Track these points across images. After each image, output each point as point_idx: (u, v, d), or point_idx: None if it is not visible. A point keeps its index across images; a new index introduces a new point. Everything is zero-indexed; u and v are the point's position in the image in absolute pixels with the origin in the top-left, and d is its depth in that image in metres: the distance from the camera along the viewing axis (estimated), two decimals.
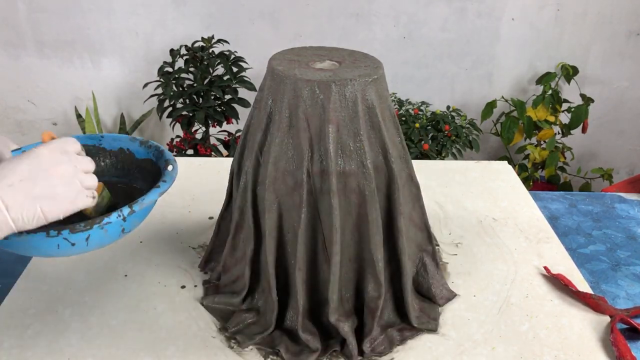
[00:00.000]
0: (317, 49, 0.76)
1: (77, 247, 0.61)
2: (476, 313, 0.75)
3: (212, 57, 1.96)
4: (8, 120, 2.32)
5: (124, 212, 0.60)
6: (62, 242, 0.59)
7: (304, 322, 0.69)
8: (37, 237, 0.57)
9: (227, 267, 0.76)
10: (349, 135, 0.65)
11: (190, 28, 2.13)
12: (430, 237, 0.78)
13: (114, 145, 0.76)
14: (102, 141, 0.76)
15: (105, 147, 0.76)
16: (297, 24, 2.15)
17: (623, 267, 0.88)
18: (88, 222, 0.58)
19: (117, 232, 0.63)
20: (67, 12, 2.10)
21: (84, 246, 0.61)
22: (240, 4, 2.10)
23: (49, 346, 0.67)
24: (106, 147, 0.76)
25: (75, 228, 0.58)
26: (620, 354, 0.67)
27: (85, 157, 0.60)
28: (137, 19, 2.12)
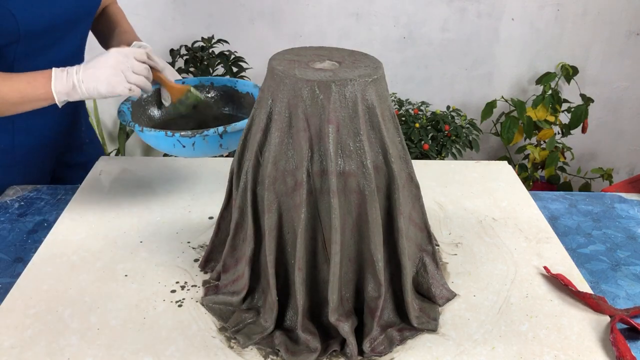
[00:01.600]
0: (317, 49, 0.76)
1: (187, 150, 0.86)
2: (476, 313, 0.75)
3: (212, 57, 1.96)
4: None
5: (219, 130, 0.84)
6: (176, 142, 0.85)
7: (303, 322, 0.69)
8: (160, 134, 0.85)
9: (227, 267, 0.76)
10: (349, 135, 0.65)
11: (190, 28, 2.13)
12: (430, 237, 0.78)
13: (221, 82, 1.04)
14: (212, 80, 1.05)
15: (214, 83, 1.05)
16: (297, 24, 2.15)
17: (623, 267, 0.88)
18: (193, 132, 0.84)
19: (215, 146, 0.87)
20: None
21: (191, 150, 0.86)
22: (240, 4, 2.11)
23: (49, 346, 0.67)
24: (215, 83, 1.05)
25: (183, 134, 0.84)
26: (620, 354, 0.67)
27: (142, 65, 0.88)
28: (137, 19, 2.12)
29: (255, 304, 0.74)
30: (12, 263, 0.84)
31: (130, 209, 0.96)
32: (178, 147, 0.86)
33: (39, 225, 0.94)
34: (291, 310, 0.71)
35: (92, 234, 0.89)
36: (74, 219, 0.93)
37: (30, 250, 0.86)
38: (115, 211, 0.95)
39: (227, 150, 0.89)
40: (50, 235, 0.88)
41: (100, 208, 0.96)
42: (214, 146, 0.87)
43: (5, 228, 0.93)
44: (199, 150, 0.87)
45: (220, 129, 0.84)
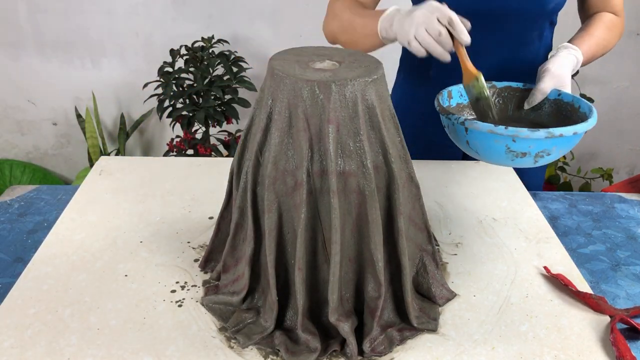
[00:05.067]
0: (317, 49, 0.76)
1: (508, 152, 0.76)
2: (476, 313, 0.75)
3: (212, 57, 1.96)
4: (8, 120, 2.32)
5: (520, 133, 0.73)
6: (506, 140, 0.75)
7: (303, 321, 0.69)
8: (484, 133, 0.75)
9: (227, 267, 0.76)
10: (349, 135, 0.65)
11: (190, 28, 2.13)
12: (430, 237, 0.78)
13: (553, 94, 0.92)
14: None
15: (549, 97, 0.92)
16: (297, 24, 2.15)
17: (623, 267, 0.88)
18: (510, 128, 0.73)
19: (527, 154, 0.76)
20: (67, 12, 2.10)
21: (514, 145, 0.75)
22: (240, 4, 2.11)
23: (49, 346, 0.67)
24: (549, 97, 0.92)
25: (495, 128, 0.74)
26: (620, 354, 0.67)
27: (438, 27, 0.79)
28: (137, 19, 2.12)
29: (255, 304, 0.74)
30: (12, 263, 0.84)
31: (130, 209, 0.96)
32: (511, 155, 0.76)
33: (39, 225, 0.94)
34: (291, 310, 0.71)
35: (92, 234, 0.89)
36: (74, 219, 0.93)
37: (30, 250, 0.86)
38: (115, 211, 0.95)
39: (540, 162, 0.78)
40: (50, 235, 0.88)
41: (100, 208, 0.96)
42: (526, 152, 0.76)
43: (5, 228, 0.93)
44: (521, 146, 0.75)
45: (521, 132, 0.73)
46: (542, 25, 1.04)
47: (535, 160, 0.76)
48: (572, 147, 0.78)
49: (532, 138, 0.73)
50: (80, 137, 2.35)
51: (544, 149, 0.75)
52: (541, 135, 0.72)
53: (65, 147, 2.41)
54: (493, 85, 0.93)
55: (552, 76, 0.88)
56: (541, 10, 1.00)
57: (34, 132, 2.36)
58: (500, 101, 0.94)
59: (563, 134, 0.73)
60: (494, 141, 0.75)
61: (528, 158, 0.76)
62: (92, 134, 2.18)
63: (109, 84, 2.25)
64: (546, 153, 0.75)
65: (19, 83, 2.24)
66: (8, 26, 2.11)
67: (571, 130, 0.73)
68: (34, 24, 2.11)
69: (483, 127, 0.75)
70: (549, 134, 0.72)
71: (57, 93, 2.27)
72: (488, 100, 0.84)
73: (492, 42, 1.00)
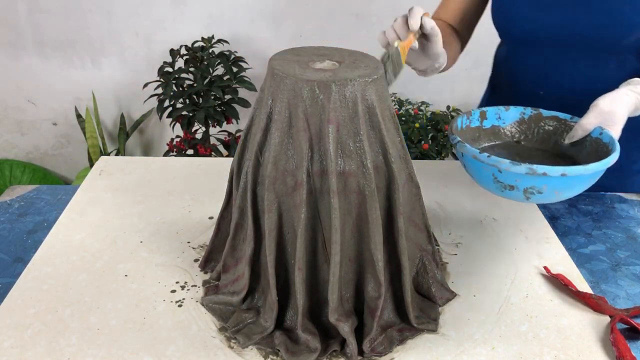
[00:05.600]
0: (317, 49, 0.76)
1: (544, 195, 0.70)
2: (476, 313, 0.75)
3: (212, 57, 1.96)
4: (8, 120, 2.32)
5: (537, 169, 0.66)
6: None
7: (303, 322, 0.69)
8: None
9: (227, 267, 0.76)
10: (349, 135, 0.65)
11: (190, 28, 2.13)
12: (430, 237, 0.78)
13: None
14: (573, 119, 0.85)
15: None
16: (297, 24, 2.15)
17: (623, 267, 0.88)
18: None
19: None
20: (67, 12, 2.10)
21: (500, 176, 0.70)
22: (240, 4, 2.11)
23: (49, 346, 0.67)
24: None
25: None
26: (620, 354, 0.67)
27: (417, 18, 0.78)
28: (137, 19, 2.12)
29: (255, 304, 0.74)
30: (12, 263, 0.84)
31: (130, 209, 0.96)
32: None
33: (39, 225, 0.94)
34: (291, 310, 0.71)
35: (92, 234, 0.89)
36: (74, 219, 0.93)
37: (30, 250, 0.86)
38: (115, 211, 0.95)
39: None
40: (50, 235, 0.88)
41: (100, 208, 0.96)
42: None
43: (5, 228, 0.93)
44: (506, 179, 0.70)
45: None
46: (623, 55, 0.95)
47: (525, 197, 0.70)
48: (577, 189, 0.70)
49: (513, 172, 0.67)
50: (80, 137, 2.35)
51: (532, 185, 0.68)
52: (522, 170, 0.66)
53: (65, 147, 2.41)
54: (539, 113, 0.86)
55: (599, 112, 0.80)
56: (614, 42, 0.92)
57: (34, 132, 2.36)
58: (541, 131, 0.86)
59: (547, 173, 0.66)
60: (482, 168, 0.71)
61: (517, 192, 0.70)
62: (92, 134, 2.18)
63: (109, 84, 2.25)
64: (536, 190, 0.69)
65: (19, 83, 2.24)
66: (8, 26, 2.11)
67: (558, 171, 0.66)
68: (34, 24, 2.12)
69: (469, 151, 0.71)
70: (530, 171, 0.66)
71: (57, 93, 2.27)
72: (389, 64, 0.78)
73: (566, 71, 0.96)
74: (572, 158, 0.83)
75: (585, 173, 0.68)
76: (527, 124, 0.86)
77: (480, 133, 0.86)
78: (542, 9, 0.89)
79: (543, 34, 0.91)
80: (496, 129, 0.87)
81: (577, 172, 0.67)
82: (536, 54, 0.94)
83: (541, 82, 0.95)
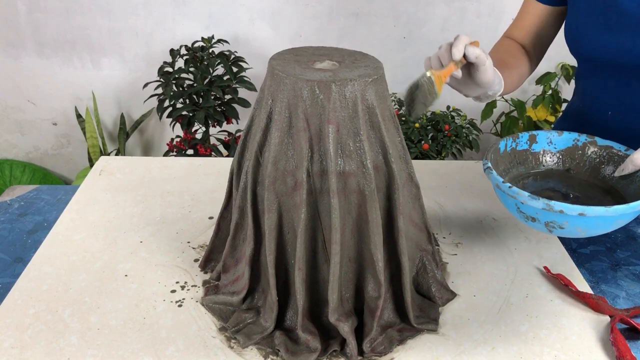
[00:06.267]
0: (317, 49, 0.76)
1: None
2: (476, 313, 0.75)
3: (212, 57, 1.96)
4: (8, 120, 2.32)
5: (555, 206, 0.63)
6: None
7: (303, 321, 0.69)
8: None
9: (227, 267, 0.76)
10: (349, 135, 0.65)
11: (190, 28, 2.13)
12: (430, 237, 0.78)
13: None
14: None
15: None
16: (297, 24, 2.15)
17: (623, 267, 0.88)
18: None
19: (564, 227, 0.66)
20: (67, 12, 2.10)
21: (522, 207, 0.67)
22: (240, 4, 2.11)
23: (49, 346, 0.67)
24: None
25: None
26: (620, 354, 0.67)
27: (459, 46, 0.74)
28: (137, 19, 2.12)
29: (255, 304, 0.74)
30: (12, 263, 0.84)
31: (130, 209, 0.96)
32: None
33: (39, 225, 0.94)
34: (291, 310, 0.71)
35: (92, 234, 0.89)
36: (74, 219, 0.93)
37: (30, 250, 0.86)
38: (115, 211, 0.95)
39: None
40: (50, 235, 0.88)
41: (100, 208, 0.96)
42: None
43: (5, 228, 0.93)
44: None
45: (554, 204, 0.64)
46: None
47: (548, 230, 0.68)
48: (603, 228, 0.67)
49: (530, 205, 0.65)
50: (80, 137, 2.35)
51: (553, 220, 0.66)
52: (539, 205, 0.64)
53: (65, 147, 2.41)
54: (594, 141, 0.81)
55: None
56: None
57: (34, 132, 2.36)
58: (593, 161, 0.82)
59: (564, 211, 0.63)
60: (506, 197, 0.69)
61: (539, 225, 0.68)
62: (92, 134, 2.18)
63: (109, 84, 2.25)
64: (558, 225, 0.66)
65: (19, 83, 2.23)
66: (8, 26, 2.11)
67: (576, 210, 0.63)
68: (34, 24, 2.11)
69: (492, 179, 0.70)
70: (547, 207, 0.64)
71: (57, 93, 2.27)
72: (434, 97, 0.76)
73: (634, 93, 0.93)
74: (620, 193, 0.78)
75: (606, 215, 0.63)
76: (581, 150, 0.82)
77: (528, 157, 0.82)
78: (610, 32, 0.88)
79: (610, 55, 0.90)
80: (547, 154, 0.83)
81: (596, 212, 0.63)
82: (605, 74, 0.94)
83: (609, 103, 0.94)
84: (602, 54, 0.91)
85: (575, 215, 0.63)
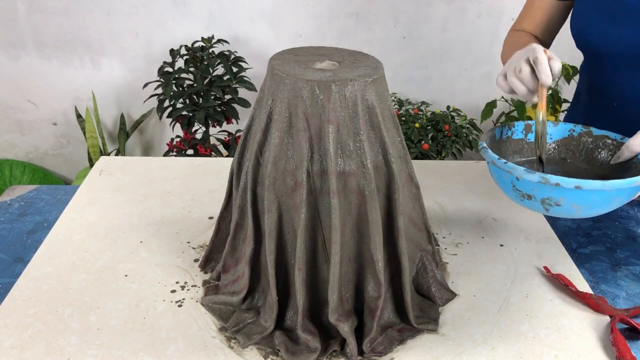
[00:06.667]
0: (317, 49, 0.76)
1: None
2: (476, 313, 0.75)
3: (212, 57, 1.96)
4: (8, 120, 2.32)
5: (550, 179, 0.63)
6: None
7: (303, 321, 0.69)
8: None
9: (227, 267, 0.76)
10: (349, 135, 0.65)
11: (190, 28, 2.13)
12: (430, 237, 0.78)
13: None
14: None
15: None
16: (297, 24, 2.15)
17: (623, 267, 0.88)
18: None
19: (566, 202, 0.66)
20: (67, 12, 2.10)
21: (518, 184, 0.67)
22: (240, 4, 2.11)
23: (49, 346, 0.67)
24: None
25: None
26: (620, 354, 0.67)
27: (527, 68, 0.75)
28: (137, 19, 2.12)
29: (255, 304, 0.74)
30: (12, 263, 0.84)
31: (130, 209, 0.96)
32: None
33: (39, 225, 0.94)
34: (291, 310, 0.71)
35: (92, 234, 0.89)
36: (74, 219, 0.93)
37: (30, 250, 0.86)
38: (115, 211, 0.95)
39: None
40: (50, 235, 0.88)
41: (100, 208, 0.96)
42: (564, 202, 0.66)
43: (5, 228, 0.93)
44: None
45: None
46: None
47: (545, 208, 0.68)
48: (599, 206, 0.66)
49: (526, 179, 0.65)
50: (80, 137, 2.35)
51: (549, 196, 0.65)
52: (534, 179, 0.64)
53: (65, 147, 2.41)
54: (589, 132, 0.82)
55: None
56: None
57: (34, 132, 2.36)
58: (589, 150, 0.82)
59: (560, 184, 0.63)
60: (502, 175, 0.69)
61: (535, 203, 0.68)
62: (92, 134, 2.18)
63: (109, 84, 2.25)
64: (554, 202, 0.66)
65: (19, 83, 2.24)
66: (8, 26, 2.11)
67: (572, 183, 0.62)
68: (34, 24, 2.11)
69: (489, 157, 0.70)
70: (543, 180, 0.63)
71: (57, 93, 2.27)
72: (538, 138, 0.77)
73: (638, 88, 0.94)
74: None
75: (603, 189, 0.63)
76: (576, 141, 0.82)
77: (524, 146, 0.82)
78: (615, 23, 0.90)
79: (615, 47, 0.92)
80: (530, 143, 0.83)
81: (593, 186, 0.62)
82: (610, 66, 0.96)
83: (614, 94, 0.96)
84: (607, 46, 0.93)
85: (572, 188, 0.63)
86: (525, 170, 0.65)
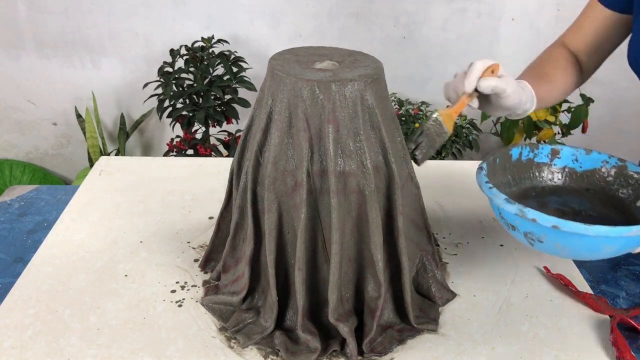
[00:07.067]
0: (317, 49, 0.76)
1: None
2: (476, 313, 0.75)
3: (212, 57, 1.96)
4: (8, 120, 2.32)
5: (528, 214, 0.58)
6: None
7: (303, 321, 0.69)
8: None
9: (227, 267, 0.76)
10: (349, 135, 0.65)
11: (190, 28, 2.13)
12: (430, 237, 0.78)
13: None
14: None
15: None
16: (297, 24, 2.15)
17: (623, 267, 0.88)
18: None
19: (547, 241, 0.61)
20: (67, 12, 2.10)
21: (503, 212, 0.62)
22: (240, 4, 2.11)
23: (49, 346, 0.67)
24: None
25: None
26: (620, 354, 0.67)
27: (471, 78, 0.68)
28: (137, 19, 2.12)
29: (255, 304, 0.74)
30: (12, 263, 0.84)
31: (130, 209, 0.96)
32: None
33: (39, 225, 0.94)
34: (291, 310, 0.71)
35: (92, 234, 0.89)
36: (74, 219, 0.93)
37: (30, 250, 0.86)
38: (115, 211, 0.95)
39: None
40: (50, 235, 0.88)
41: (100, 208, 0.96)
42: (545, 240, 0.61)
43: (5, 228, 0.93)
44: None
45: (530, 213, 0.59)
46: None
47: (529, 242, 0.63)
48: (584, 250, 0.60)
49: (504, 210, 0.60)
50: (80, 137, 2.35)
51: (530, 231, 0.60)
52: (512, 210, 0.59)
53: (65, 147, 2.41)
54: (624, 165, 0.75)
55: None
56: None
57: (34, 132, 2.36)
58: (620, 184, 0.75)
59: (537, 220, 0.57)
60: (490, 200, 0.64)
61: (519, 234, 0.63)
62: (92, 134, 2.18)
63: (109, 84, 2.25)
64: (537, 239, 0.61)
65: (19, 83, 2.23)
66: (8, 26, 2.11)
67: (550, 221, 0.57)
68: (34, 24, 2.11)
69: (477, 179, 0.66)
70: (519, 212, 0.58)
71: (57, 93, 2.27)
72: (416, 134, 0.70)
73: None
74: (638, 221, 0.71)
75: (585, 233, 0.56)
76: (608, 173, 0.76)
77: (548, 171, 0.78)
78: None
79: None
80: (570, 171, 0.77)
81: (572, 228, 0.56)
82: None
83: None
84: None
85: (549, 227, 0.57)
86: (505, 200, 0.60)
